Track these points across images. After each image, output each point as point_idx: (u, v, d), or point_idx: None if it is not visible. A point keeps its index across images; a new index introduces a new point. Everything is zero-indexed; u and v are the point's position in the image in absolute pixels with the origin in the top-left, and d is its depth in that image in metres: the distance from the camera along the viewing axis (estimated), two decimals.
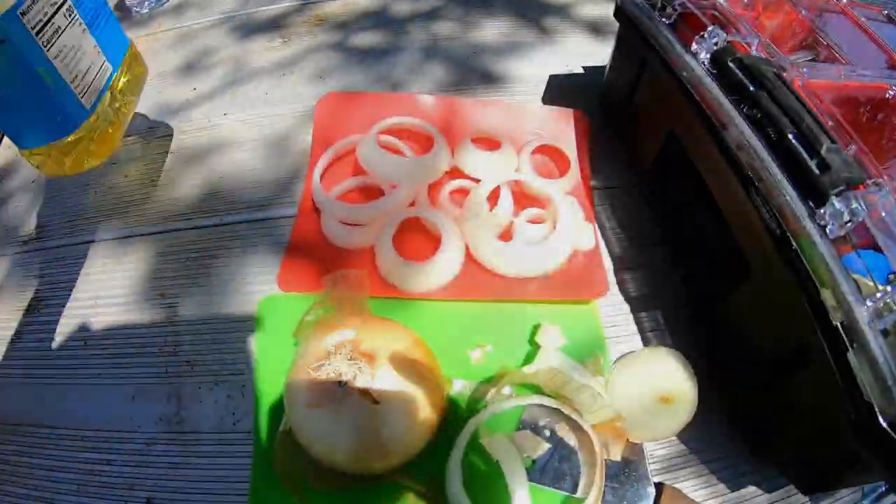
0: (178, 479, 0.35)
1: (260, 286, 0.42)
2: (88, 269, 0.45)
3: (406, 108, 0.49)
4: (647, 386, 0.35)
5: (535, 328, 0.38)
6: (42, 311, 0.44)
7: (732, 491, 0.34)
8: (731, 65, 0.34)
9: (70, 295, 0.44)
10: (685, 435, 0.35)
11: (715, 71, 0.35)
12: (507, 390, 0.36)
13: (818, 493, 0.34)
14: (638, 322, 0.40)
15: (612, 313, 0.40)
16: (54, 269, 0.46)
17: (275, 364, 0.36)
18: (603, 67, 0.51)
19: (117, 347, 0.41)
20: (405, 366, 0.32)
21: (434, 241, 0.41)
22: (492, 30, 0.60)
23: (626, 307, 0.40)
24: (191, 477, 0.35)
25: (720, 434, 0.36)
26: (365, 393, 0.31)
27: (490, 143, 0.47)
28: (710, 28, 0.35)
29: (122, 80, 0.43)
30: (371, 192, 0.44)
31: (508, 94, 0.54)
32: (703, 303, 0.39)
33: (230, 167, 0.50)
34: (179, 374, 0.39)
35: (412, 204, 0.43)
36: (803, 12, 0.43)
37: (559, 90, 0.54)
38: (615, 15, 0.43)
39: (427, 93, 0.53)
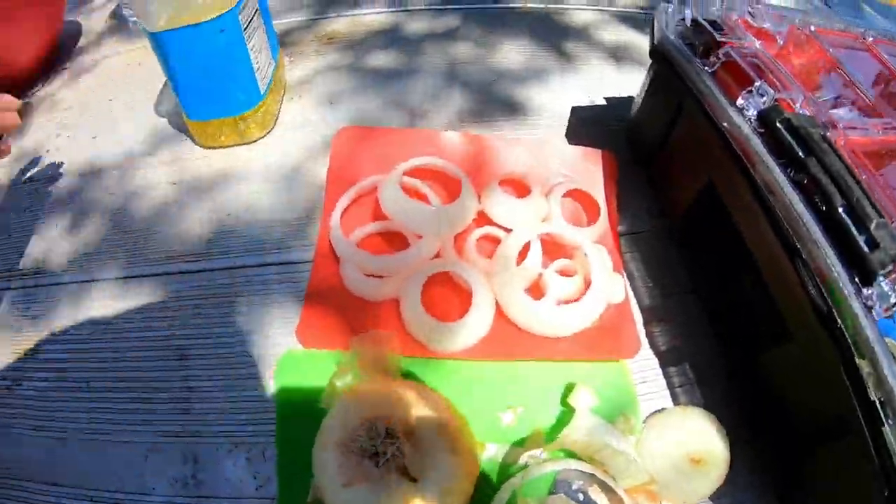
0: None
1: (278, 339, 0.40)
2: (89, 311, 0.43)
3: (428, 146, 0.46)
4: (678, 447, 0.35)
5: (567, 388, 0.37)
6: (41, 354, 0.41)
7: None
8: (779, 125, 0.32)
9: (71, 339, 0.42)
10: (714, 492, 0.34)
11: (762, 130, 0.33)
12: (541, 454, 0.35)
13: None
14: (667, 377, 0.39)
15: (642, 369, 0.39)
16: (53, 308, 0.43)
17: (298, 427, 0.35)
18: (626, 99, 0.50)
19: (126, 402, 0.38)
20: (442, 438, 0.31)
21: (462, 294, 0.39)
22: (511, 54, 0.58)
23: (656, 362, 0.40)
24: None
25: (750, 492, 0.36)
26: (403, 471, 0.30)
27: (518, 186, 0.45)
28: (757, 84, 0.34)
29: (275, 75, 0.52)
30: (393, 239, 0.42)
31: (530, 126, 0.52)
32: (737, 357, 0.39)
33: (237, 202, 0.47)
34: (195, 434, 0.37)
35: (437, 254, 0.41)
36: (830, 50, 0.43)
37: (582, 123, 0.52)
38: (651, 55, 0.41)
39: (448, 126, 0.51)
